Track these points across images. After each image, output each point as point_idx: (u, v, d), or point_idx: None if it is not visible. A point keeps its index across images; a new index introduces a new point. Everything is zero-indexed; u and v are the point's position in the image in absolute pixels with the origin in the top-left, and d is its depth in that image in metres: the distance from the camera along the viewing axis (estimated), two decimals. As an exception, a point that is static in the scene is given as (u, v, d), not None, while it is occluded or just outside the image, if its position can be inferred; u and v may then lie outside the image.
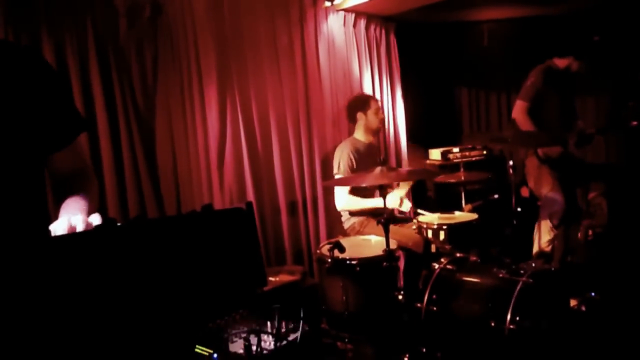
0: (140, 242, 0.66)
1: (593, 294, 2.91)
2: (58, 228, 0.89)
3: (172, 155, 3.14)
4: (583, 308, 2.84)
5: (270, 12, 3.42)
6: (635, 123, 3.79)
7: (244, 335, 1.07)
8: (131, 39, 3.04)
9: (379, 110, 3.55)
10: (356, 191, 3.26)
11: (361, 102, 3.52)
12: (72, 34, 2.79)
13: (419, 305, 2.43)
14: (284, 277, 2.97)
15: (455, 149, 4.54)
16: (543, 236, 3.61)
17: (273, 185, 3.46)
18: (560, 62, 3.64)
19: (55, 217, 1.08)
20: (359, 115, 3.48)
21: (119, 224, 0.70)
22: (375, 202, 3.15)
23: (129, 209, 2.93)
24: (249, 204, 0.79)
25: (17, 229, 1.05)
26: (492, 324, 2.14)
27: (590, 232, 3.92)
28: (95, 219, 0.91)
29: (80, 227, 0.87)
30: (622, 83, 4.39)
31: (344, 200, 3.25)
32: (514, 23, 5.16)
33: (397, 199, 3.17)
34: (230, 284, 0.75)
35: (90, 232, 0.72)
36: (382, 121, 3.65)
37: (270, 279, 2.88)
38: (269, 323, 1.18)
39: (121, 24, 3.01)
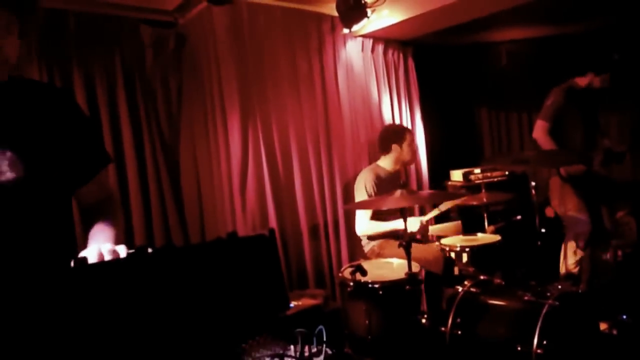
0: (169, 269, 0.69)
1: (625, 316, 2.83)
2: (89, 256, 0.94)
3: (197, 181, 3.21)
4: (614, 332, 2.76)
5: (290, 40, 3.51)
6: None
7: (267, 359, 1.09)
8: (157, 70, 3.16)
9: (413, 142, 3.58)
10: (378, 216, 3.27)
11: (397, 134, 3.53)
12: (100, 66, 2.91)
13: (443, 329, 2.40)
14: (307, 301, 2.97)
15: (477, 170, 4.52)
16: (569, 257, 3.54)
17: (295, 209, 3.49)
18: (581, 81, 3.62)
19: (83, 244, 1.14)
20: (394, 147, 3.48)
21: (149, 251, 0.73)
22: (394, 225, 3.15)
23: (155, 235, 3.00)
24: (272, 231, 0.82)
25: (47, 257, 1.11)
26: (519, 348, 2.10)
27: (619, 253, 3.82)
28: (122, 249, 0.95)
29: (108, 256, 0.92)
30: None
31: (365, 225, 3.25)
32: (532, 43, 5.17)
33: (418, 223, 3.16)
34: (254, 309, 0.77)
35: (124, 259, 0.76)
36: (415, 153, 3.65)
37: (293, 302, 2.89)
38: (292, 347, 1.19)
39: (147, 56, 3.13)
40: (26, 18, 1.06)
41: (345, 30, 3.59)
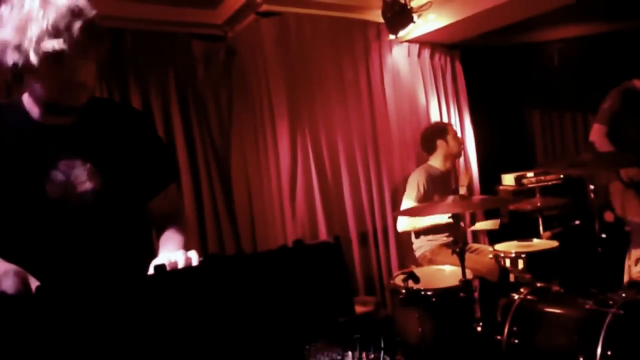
0: (240, 275, 0.72)
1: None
2: (163, 263, 0.99)
3: (247, 190, 3.29)
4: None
5: (336, 48, 3.54)
6: None
7: (325, 365, 1.10)
8: (208, 82, 3.27)
9: (457, 134, 3.57)
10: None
11: (439, 130, 3.53)
12: (155, 81, 3.05)
13: (498, 337, 2.34)
14: (358, 308, 2.97)
15: (530, 174, 4.38)
16: (635, 265, 3.37)
17: (344, 216, 3.50)
18: (639, 83, 3.46)
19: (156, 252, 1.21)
20: (439, 142, 3.47)
21: (221, 258, 0.76)
22: (436, 220, 3.10)
23: (208, 244, 3.09)
24: (337, 238, 0.84)
25: (123, 263, 1.18)
26: (581, 359, 2.02)
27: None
28: (193, 255, 1.00)
29: (181, 263, 0.97)
30: None
31: (405, 221, 3.23)
32: (585, 41, 4.97)
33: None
34: (320, 314, 0.79)
35: (198, 266, 0.80)
36: (461, 145, 3.64)
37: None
38: (350, 353, 1.20)
39: (199, 69, 3.25)
40: (99, 44, 1.16)
41: (392, 36, 3.59)
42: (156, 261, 1.00)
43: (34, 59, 1.07)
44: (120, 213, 1.28)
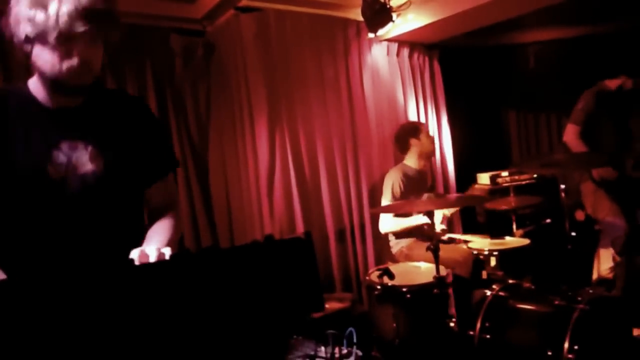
0: (210, 270, 0.73)
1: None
2: (134, 257, 0.99)
3: (225, 186, 3.27)
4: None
5: (316, 46, 3.55)
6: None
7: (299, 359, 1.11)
8: (186, 77, 3.24)
9: (429, 132, 3.61)
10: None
11: (412, 129, 3.55)
12: (132, 75, 3.01)
13: (471, 333, 2.39)
14: (334, 305, 2.99)
15: (505, 173, 4.46)
16: (603, 263, 3.47)
17: (321, 213, 3.52)
18: (612, 83, 3.55)
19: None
20: (413, 141, 3.50)
21: (192, 253, 0.77)
22: (417, 220, 3.14)
23: (185, 241, 3.07)
24: (308, 233, 0.85)
25: (116, 247, 1.20)
26: (549, 353, 2.07)
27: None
28: (167, 251, 1.01)
29: (152, 257, 0.97)
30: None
31: (388, 223, 3.26)
32: (561, 44, 5.08)
33: (440, 215, 3.18)
34: (291, 309, 0.80)
35: (167, 261, 0.80)
36: (434, 142, 3.69)
37: (321, 306, 2.91)
38: (323, 348, 1.21)
39: (177, 64, 3.21)
40: (109, 32, 1.20)
41: (371, 35, 3.61)
42: (132, 254, 1.01)
43: (45, 32, 1.10)
44: (118, 197, 1.31)
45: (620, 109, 3.58)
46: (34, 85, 1.27)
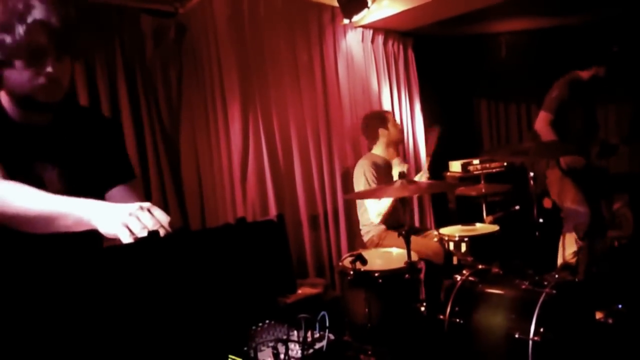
0: (181, 253, 0.71)
1: (620, 306, 2.86)
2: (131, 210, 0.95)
3: (197, 171, 3.22)
4: (610, 321, 2.80)
5: (290, 30, 3.51)
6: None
7: (271, 344, 1.11)
8: (157, 59, 3.16)
9: (396, 121, 3.62)
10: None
11: (379, 118, 3.55)
12: (101, 56, 2.91)
13: (441, 317, 2.43)
14: (307, 290, 3.00)
15: (476, 161, 4.54)
16: (568, 248, 3.58)
17: (294, 199, 3.51)
18: (584, 74, 3.63)
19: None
20: (381, 131, 3.50)
21: (162, 236, 0.75)
22: (396, 186, 3.16)
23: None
24: (280, 216, 0.84)
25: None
26: (516, 336, 2.13)
27: (615, 243, 3.86)
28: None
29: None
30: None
31: (378, 207, 3.26)
32: (531, 34, 5.16)
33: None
34: (263, 291, 0.79)
35: (136, 243, 0.78)
36: (402, 131, 3.69)
37: (293, 291, 2.92)
38: (295, 332, 1.22)
39: (147, 45, 3.12)
40: (77, 48, 1.25)
41: (346, 21, 3.60)
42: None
43: (13, 54, 1.14)
44: None
45: (590, 99, 3.67)
46: (5, 99, 1.28)
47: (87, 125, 1.42)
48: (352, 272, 2.57)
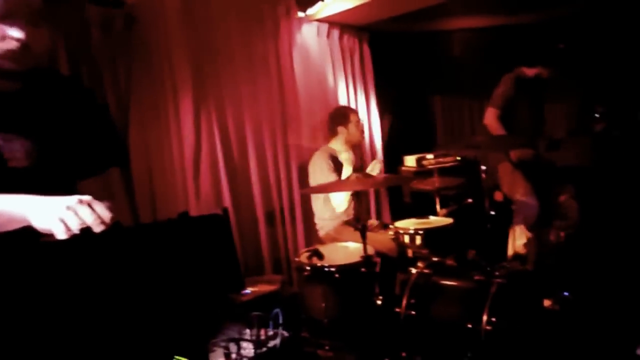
0: (116, 250, 0.66)
1: (566, 293, 2.98)
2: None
3: (148, 168, 3.10)
4: (557, 307, 2.91)
5: (244, 23, 3.44)
6: (600, 127, 3.92)
7: (223, 344, 1.07)
8: (104, 50, 3.02)
9: (359, 122, 3.58)
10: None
11: (341, 116, 3.55)
12: (42, 46, 2.75)
13: (397, 309, 2.45)
14: (263, 287, 2.96)
15: (430, 156, 4.61)
16: (518, 239, 3.69)
17: (250, 194, 3.45)
18: (529, 71, 3.75)
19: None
20: (340, 129, 3.50)
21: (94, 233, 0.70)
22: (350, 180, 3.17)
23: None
24: (225, 210, 0.81)
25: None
26: (469, 326, 2.18)
27: (562, 234, 4.02)
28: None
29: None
30: (588, 89, 4.55)
31: (343, 199, 3.23)
32: (484, 32, 5.29)
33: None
34: (209, 289, 0.76)
35: (68, 240, 0.72)
36: (363, 133, 3.67)
37: (249, 289, 2.87)
38: (248, 331, 1.18)
39: (94, 36, 2.99)
40: (55, 11, 1.14)
41: (301, 14, 3.56)
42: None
43: None
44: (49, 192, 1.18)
45: (535, 95, 3.80)
46: None
47: (61, 92, 1.31)
48: (308, 268, 2.56)
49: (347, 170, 3.15)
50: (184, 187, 3.14)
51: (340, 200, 3.24)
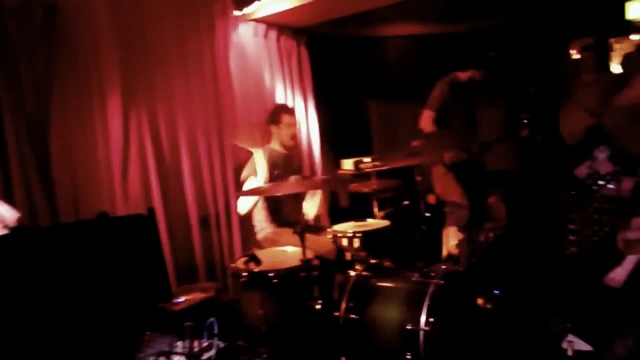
0: (24, 253, 0.57)
1: (497, 291, 3.08)
2: None
3: (71, 171, 2.87)
4: (489, 306, 2.99)
5: (178, 19, 3.30)
6: (526, 132, 4.13)
7: (152, 358, 0.98)
8: (21, 42, 2.78)
9: (291, 124, 3.49)
10: (272, 200, 3.22)
11: (272, 115, 3.49)
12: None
13: (337, 314, 2.42)
14: (197, 295, 2.83)
15: (367, 159, 4.65)
16: (451, 240, 3.80)
17: (183, 199, 3.30)
18: (463, 75, 3.89)
19: None
20: (272, 128, 3.45)
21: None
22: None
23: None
24: (151, 210, 0.73)
25: None
26: (408, 327, 2.18)
27: (491, 235, 4.18)
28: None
29: None
30: (516, 95, 4.79)
31: (246, 202, 3.19)
32: (419, 39, 5.45)
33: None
34: (132, 299, 0.67)
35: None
36: (293, 136, 3.53)
37: (183, 297, 2.73)
38: (180, 343, 1.09)
39: (10, 26, 2.74)
40: None
41: (237, 12, 3.47)
42: None
43: None
44: None
45: (469, 99, 3.94)
46: None
47: None
48: (245, 274, 2.47)
49: (260, 174, 3.10)
50: (111, 188, 2.94)
51: (245, 205, 3.19)
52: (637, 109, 2.21)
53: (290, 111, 3.60)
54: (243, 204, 3.22)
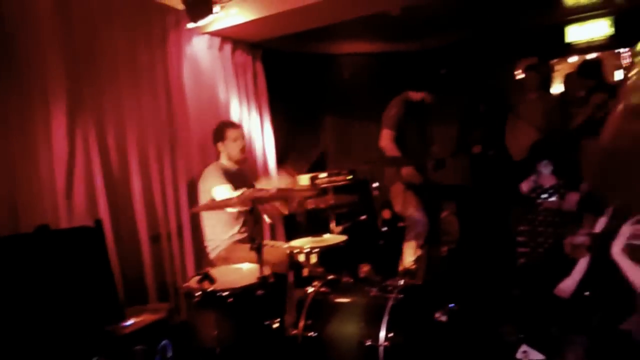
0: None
1: (452, 305, 3.11)
2: None
3: (10, 188, 2.66)
4: (444, 319, 3.02)
5: (129, 30, 3.20)
6: (477, 149, 4.25)
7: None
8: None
9: (238, 138, 3.39)
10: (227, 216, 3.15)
11: (217, 132, 3.40)
12: None
13: (295, 332, 2.36)
14: (148, 317, 2.68)
15: (323, 175, 4.65)
16: (409, 255, 3.82)
17: (132, 217, 3.14)
18: (415, 95, 3.97)
19: None
20: (219, 145, 3.38)
21: None
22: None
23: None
24: (98, 222, 0.66)
25: None
26: (368, 343, 2.15)
27: (444, 249, 4.25)
28: None
29: None
30: (467, 113, 4.95)
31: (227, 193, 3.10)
32: (372, 57, 5.56)
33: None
34: (78, 320, 0.60)
35: None
36: (243, 150, 3.44)
37: (132, 319, 2.58)
38: (129, 368, 1.01)
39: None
40: None
41: (191, 25, 3.40)
42: None
43: None
44: None
45: (422, 117, 4.03)
46: None
47: None
48: (199, 293, 2.37)
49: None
50: (55, 208, 2.75)
51: (224, 195, 3.09)
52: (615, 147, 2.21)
53: (235, 125, 3.50)
54: (222, 194, 3.10)
